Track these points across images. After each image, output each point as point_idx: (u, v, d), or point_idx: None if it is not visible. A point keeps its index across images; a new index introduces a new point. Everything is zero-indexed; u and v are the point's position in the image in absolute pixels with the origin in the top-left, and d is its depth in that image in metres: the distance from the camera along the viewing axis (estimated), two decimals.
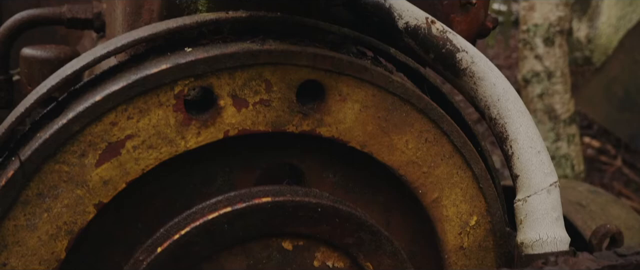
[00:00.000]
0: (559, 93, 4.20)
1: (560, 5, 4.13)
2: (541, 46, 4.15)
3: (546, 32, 4.13)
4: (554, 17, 4.12)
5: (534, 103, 4.24)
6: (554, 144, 4.23)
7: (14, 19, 1.87)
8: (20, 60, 1.80)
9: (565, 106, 4.23)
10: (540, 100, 4.21)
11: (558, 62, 4.17)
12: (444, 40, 1.38)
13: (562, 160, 4.23)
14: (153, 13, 1.36)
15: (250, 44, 1.16)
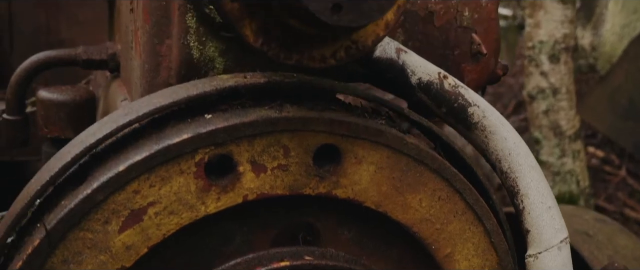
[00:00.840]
0: (564, 109, 4.23)
1: (566, 23, 4.16)
2: (546, 63, 4.18)
3: (551, 49, 4.15)
4: (560, 34, 4.15)
5: (539, 119, 4.27)
6: (559, 160, 4.26)
7: (30, 61, 1.91)
8: (37, 102, 1.83)
9: (571, 122, 4.25)
10: (546, 116, 4.23)
11: (563, 79, 4.19)
12: (456, 95, 1.41)
13: (567, 176, 4.26)
14: (171, 71, 1.39)
15: (269, 111, 1.18)
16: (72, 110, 1.79)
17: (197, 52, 1.37)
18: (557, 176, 4.29)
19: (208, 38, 1.36)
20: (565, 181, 4.28)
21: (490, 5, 1.59)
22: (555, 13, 4.14)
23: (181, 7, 1.34)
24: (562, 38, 4.16)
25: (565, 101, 4.23)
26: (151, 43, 1.38)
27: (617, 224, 2.50)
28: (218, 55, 1.37)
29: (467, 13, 1.57)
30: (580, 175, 4.31)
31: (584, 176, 4.34)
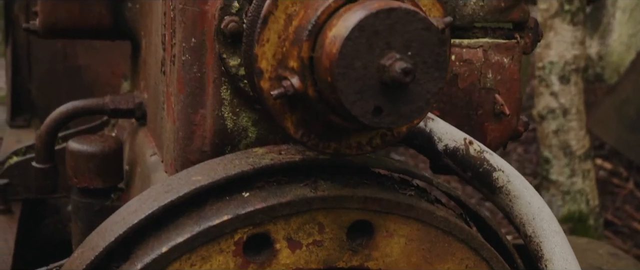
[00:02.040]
0: (574, 129, 4.26)
1: (576, 44, 4.19)
2: (557, 83, 4.21)
3: (562, 70, 4.19)
4: (570, 55, 4.18)
5: (549, 138, 4.30)
6: (569, 179, 4.29)
7: (59, 111, 1.95)
8: (67, 153, 1.87)
9: (581, 142, 4.29)
10: (556, 136, 4.27)
11: (573, 100, 4.22)
12: (482, 160, 1.45)
13: (577, 195, 4.29)
14: (205, 139, 1.43)
15: (304, 189, 1.22)
16: (101, 161, 1.83)
17: (230, 123, 1.41)
18: (567, 195, 4.32)
19: (241, 109, 1.40)
20: (575, 200, 4.31)
21: (512, 66, 1.63)
22: (566, 34, 4.17)
23: (216, 80, 1.38)
24: (572, 59, 4.19)
25: (575, 121, 4.26)
26: (185, 112, 1.42)
27: (631, 258, 2.54)
28: (251, 125, 1.42)
29: (490, 75, 1.60)
30: (590, 194, 4.35)
31: (593, 195, 4.38)
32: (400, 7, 0.95)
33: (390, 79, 0.95)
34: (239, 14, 1.33)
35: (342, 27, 0.96)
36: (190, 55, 1.40)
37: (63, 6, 1.96)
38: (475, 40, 1.59)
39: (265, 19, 1.04)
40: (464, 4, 1.55)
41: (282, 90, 1.03)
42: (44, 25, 1.99)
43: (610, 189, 6.18)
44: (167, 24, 1.52)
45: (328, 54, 0.96)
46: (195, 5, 1.38)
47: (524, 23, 1.64)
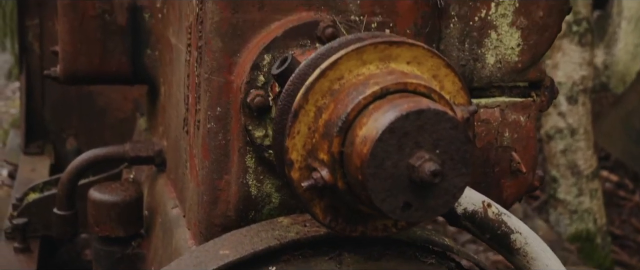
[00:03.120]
0: (581, 149, 4.28)
1: (584, 65, 4.21)
2: (564, 104, 4.24)
3: (570, 91, 4.21)
4: (578, 76, 4.20)
5: (556, 158, 4.33)
6: (577, 199, 4.32)
7: (80, 159, 1.98)
8: (88, 202, 1.90)
9: (588, 162, 4.31)
10: (563, 155, 4.29)
11: (581, 120, 4.25)
12: (500, 223, 1.47)
13: (584, 214, 4.32)
14: (229, 204, 1.46)
15: (329, 264, 1.26)
16: (123, 211, 1.86)
17: (255, 189, 1.44)
18: (574, 214, 4.35)
19: (265, 176, 1.43)
20: (582, 219, 4.34)
21: (529, 124, 1.65)
22: (574, 55, 4.19)
23: (241, 149, 1.41)
24: (580, 80, 4.22)
25: (583, 141, 4.29)
26: (210, 178, 1.45)
27: None
28: (274, 191, 1.45)
29: (507, 134, 1.63)
30: (598, 213, 4.37)
31: (601, 214, 4.40)
32: (429, 107, 0.98)
33: (420, 179, 0.98)
34: (265, 88, 1.36)
35: (372, 128, 0.99)
36: (216, 123, 1.43)
37: (84, 55, 1.99)
38: (493, 99, 1.62)
39: (296, 113, 1.06)
40: (482, 66, 1.58)
41: (312, 181, 1.05)
42: (64, 73, 2.02)
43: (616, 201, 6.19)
44: (191, 87, 1.56)
45: (359, 154, 0.99)
46: (221, 76, 1.41)
47: (541, 82, 1.66)
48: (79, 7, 1.96)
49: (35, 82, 3.45)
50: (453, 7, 1.52)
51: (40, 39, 3.41)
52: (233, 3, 1.38)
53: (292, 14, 1.41)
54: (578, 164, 4.31)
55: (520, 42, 1.59)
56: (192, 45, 1.52)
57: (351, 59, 1.07)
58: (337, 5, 1.43)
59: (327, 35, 1.34)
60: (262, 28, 1.40)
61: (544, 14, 1.59)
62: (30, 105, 3.43)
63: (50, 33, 3.42)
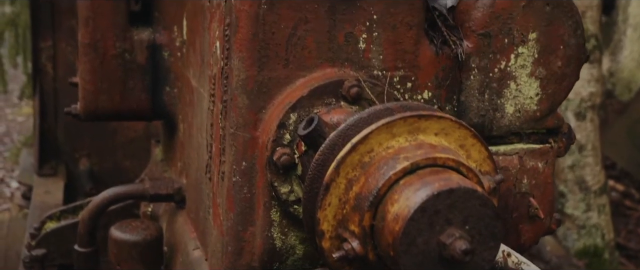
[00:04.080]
0: (589, 165, 4.31)
1: (592, 82, 4.23)
2: (572, 120, 4.26)
3: (578, 107, 4.23)
4: (586, 92, 4.23)
5: (564, 173, 4.35)
6: (585, 214, 4.34)
7: (101, 197, 2.01)
8: (109, 241, 1.93)
9: (596, 178, 4.34)
10: (571, 171, 4.32)
11: (589, 136, 4.27)
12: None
13: (592, 229, 4.34)
14: (254, 256, 1.48)
15: None
16: (144, 249, 1.89)
17: (279, 242, 1.47)
18: (582, 230, 4.37)
19: (290, 229, 1.46)
20: (590, 235, 4.36)
21: (547, 170, 1.68)
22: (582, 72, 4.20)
23: (267, 203, 1.44)
24: (588, 96, 4.24)
25: (591, 157, 4.31)
26: (235, 229, 1.48)
27: None
28: (299, 243, 1.47)
29: (526, 180, 1.66)
30: (606, 228, 4.40)
31: (609, 229, 4.43)
32: (460, 186, 1.01)
33: (451, 257, 1.00)
34: (290, 146, 1.38)
35: (404, 206, 1.01)
36: (241, 177, 1.45)
37: (104, 93, 2.02)
38: (512, 147, 1.65)
39: (327, 186, 1.09)
40: (502, 116, 1.60)
41: (343, 253, 1.08)
42: (85, 111, 2.05)
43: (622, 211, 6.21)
44: (216, 137, 1.58)
45: (391, 230, 1.02)
46: (247, 132, 1.43)
47: (558, 129, 1.69)
48: (99, 47, 1.98)
49: (48, 104, 3.49)
50: (473, 59, 1.55)
51: (54, 60, 3.44)
52: (259, 61, 1.40)
53: (317, 70, 1.43)
54: (586, 179, 4.33)
55: (538, 92, 1.61)
56: (216, 96, 1.55)
57: (381, 132, 1.10)
58: (360, 61, 1.46)
59: (352, 95, 1.36)
60: (287, 85, 1.42)
61: (563, 63, 1.62)
62: (43, 126, 3.46)
63: (63, 55, 3.45)
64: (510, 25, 1.55)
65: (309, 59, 1.42)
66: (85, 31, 1.97)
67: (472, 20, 1.53)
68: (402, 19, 1.46)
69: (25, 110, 6.77)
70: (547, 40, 1.58)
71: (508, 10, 1.54)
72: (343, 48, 1.44)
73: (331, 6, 1.41)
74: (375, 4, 1.44)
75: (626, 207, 6.32)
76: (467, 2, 1.56)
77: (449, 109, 1.55)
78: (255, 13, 1.38)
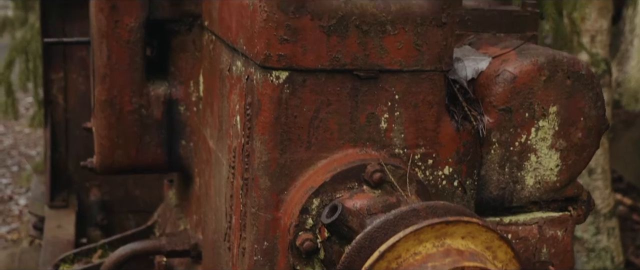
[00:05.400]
0: (599, 189, 4.30)
1: None
2: None
3: None
4: None
5: None
6: (594, 237, 4.34)
7: (118, 253, 2.01)
8: None
9: (606, 201, 4.33)
10: None
11: (599, 160, 4.26)
12: None
13: (601, 252, 4.34)
14: None
15: None
16: None
17: None
18: (591, 252, 4.37)
19: None
20: (599, 257, 4.36)
21: (565, 238, 1.68)
22: None
23: None
24: None
25: (600, 181, 4.30)
26: None
27: None
28: None
29: (545, 249, 1.65)
30: (615, 251, 4.39)
31: (618, 252, 4.42)
32: None
33: None
34: (313, 230, 1.38)
35: None
36: (262, 256, 1.45)
37: (121, 148, 2.02)
38: (531, 216, 1.64)
39: None
40: (522, 187, 1.60)
41: None
42: (102, 165, 2.05)
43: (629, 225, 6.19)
44: (236, 212, 1.58)
45: None
46: (269, 212, 1.43)
47: (578, 197, 1.69)
48: (116, 103, 1.98)
49: (59, 134, 3.49)
50: (494, 133, 1.54)
51: (65, 91, 3.44)
52: (281, 144, 1.40)
53: (338, 151, 1.43)
54: (596, 203, 4.32)
55: (559, 163, 1.61)
56: (237, 170, 1.55)
57: (409, 239, 1.10)
58: (382, 140, 1.46)
59: (375, 180, 1.36)
60: (309, 166, 1.42)
61: (583, 135, 1.61)
62: (54, 157, 3.47)
63: (74, 85, 3.46)
64: (531, 100, 1.54)
65: (331, 140, 1.42)
66: (102, 88, 1.97)
67: (492, 95, 1.53)
68: (423, 98, 1.46)
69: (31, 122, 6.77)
70: (568, 112, 1.58)
71: (529, 85, 1.53)
72: (365, 128, 1.44)
73: (353, 88, 1.41)
74: (397, 83, 1.44)
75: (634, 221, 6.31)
76: (487, 75, 1.55)
77: (469, 183, 1.55)
78: (277, 97, 1.38)
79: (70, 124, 3.48)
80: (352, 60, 1.39)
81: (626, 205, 6.39)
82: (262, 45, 1.36)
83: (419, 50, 1.42)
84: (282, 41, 1.34)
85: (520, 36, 1.75)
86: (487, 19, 1.72)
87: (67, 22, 3.31)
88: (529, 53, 1.55)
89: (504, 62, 1.55)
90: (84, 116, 3.47)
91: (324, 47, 1.37)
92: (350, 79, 1.40)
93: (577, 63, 1.57)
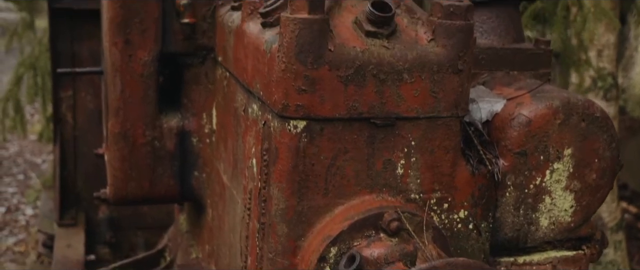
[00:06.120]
0: (606, 202, 4.30)
1: None
2: None
3: None
4: None
5: None
6: None
7: None
8: None
9: (613, 215, 4.34)
10: None
11: None
12: None
13: (608, 266, 4.34)
14: None
15: None
16: None
17: None
18: (598, 266, 4.37)
19: None
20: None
21: None
22: None
23: None
24: None
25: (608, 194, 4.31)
26: None
27: None
28: None
29: None
30: (622, 264, 4.40)
31: (625, 265, 4.43)
32: None
33: None
34: None
35: None
36: None
37: (134, 180, 2.03)
38: (545, 255, 1.65)
39: None
40: (536, 229, 1.61)
41: None
42: (115, 197, 2.06)
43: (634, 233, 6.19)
44: (251, 254, 1.58)
45: None
46: (286, 258, 1.44)
47: (592, 236, 1.69)
48: (129, 136, 1.99)
49: (68, 151, 3.50)
50: (509, 176, 1.55)
51: (74, 110, 3.45)
52: (299, 192, 1.41)
53: (355, 198, 1.44)
54: (602, 216, 4.33)
55: (573, 204, 1.62)
56: (253, 213, 1.55)
57: None
58: (398, 186, 1.46)
59: (392, 229, 1.37)
60: (326, 213, 1.43)
61: (597, 176, 1.62)
62: (63, 174, 3.48)
63: (83, 103, 3.46)
64: (546, 143, 1.55)
65: (348, 187, 1.43)
66: (115, 121, 1.98)
67: (508, 139, 1.54)
68: (439, 143, 1.47)
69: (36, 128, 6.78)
70: (582, 154, 1.59)
71: (544, 129, 1.54)
72: (381, 174, 1.45)
73: (370, 135, 1.42)
74: (414, 130, 1.44)
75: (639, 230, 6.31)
76: (502, 118, 1.56)
77: (484, 226, 1.56)
78: (295, 146, 1.38)
79: (79, 141, 3.49)
80: (369, 109, 1.40)
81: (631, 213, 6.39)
82: (280, 95, 1.36)
83: (435, 97, 1.43)
84: (300, 91, 1.35)
85: (533, 74, 1.75)
86: (501, 57, 1.72)
87: (75, 41, 3.32)
88: (543, 96, 1.56)
89: (519, 106, 1.55)
90: (93, 134, 3.48)
91: (342, 96, 1.37)
92: (367, 126, 1.41)
93: (592, 106, 1.57)
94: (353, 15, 1.44)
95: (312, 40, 1.33)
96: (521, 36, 1.79)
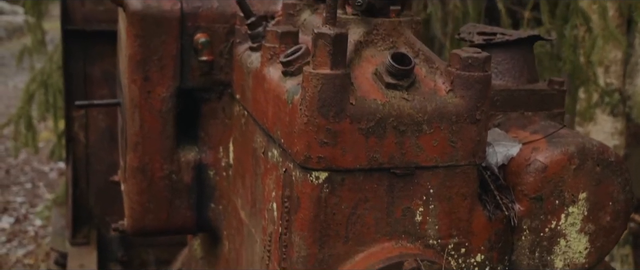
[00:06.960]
0: None
1: (616, 135, 4.25)
2: None
3: None
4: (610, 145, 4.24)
5: None
6: None
7: None
8: None
9: None
10: None
11: None
12: None
13: None
14: None
15: None
16: None
17: None
18: None
19: None
20: None
21: None
22: (606, 125, 4.23)
23: None
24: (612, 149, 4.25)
25: None
26: None
27: None
28: None
29: None
30: None
31: None
32: None
33: None
34: None
35: None
36: None
37: (152, 213, 2.06)
38: None
39: None
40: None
41: None
42: (132, 228, 2.09)
43: None
44: None
45: None
46: None
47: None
48: (147, 170, 2.02)
49: (80, 170, 3.53)
50: (525, 221, 1.58)
51: (86, 128, 3.48)
52: (320, 240, 1.44)
53: (375, 245, 1.47)
54: None
55: (587, 246, 1.64)
56: (273, 256, 1.58)
57: None
58: (417, 233, 1.49)
59: None
60: (346, 259, 1.46)
61: (611, 218, 1.64)
62: (76, 192, 3.51)
63: (95, 122, 3.50)
64: (562, 188, 1.57)
65: (368, 234, 1.46)
66: (134, 155, 2.01)
67: (524, 184, 1.57)
68: (457, 191, 1.49)
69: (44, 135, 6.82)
70: (597, 198, 1.61)
71: (560, 174, 1.56)
72: (400, 222, 1.47)
73: (390, 184, 1.45)
74: (432, 178, 1.47)
75: None
76: (518, 163, 1.59)
77: (500, 269, 1.58)
78: (317, 196, 1.41)
79: (91, 159, 3.53)
80: (389, 159, 1.42)
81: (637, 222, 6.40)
82: (302, 147, 1.39)
83: (453, 147, 1.46)
84: (322, 144, 1.38)
85: (547, 114, 1.78)
86: (515, 98, 1.75)
87: (88, 62, 3.35)
88: (559, 141, 1.58)
89: (535, 151, 1.58)
90: (105, 152, 3.52)
91: (363, 148, 1.40)
92: (387, 176, 1.44)
93: (606, 150, 1.60)
94: (373, 65, 1.47)
95: (334, 95, 1.36)
96: (535, 76, 1.82)
